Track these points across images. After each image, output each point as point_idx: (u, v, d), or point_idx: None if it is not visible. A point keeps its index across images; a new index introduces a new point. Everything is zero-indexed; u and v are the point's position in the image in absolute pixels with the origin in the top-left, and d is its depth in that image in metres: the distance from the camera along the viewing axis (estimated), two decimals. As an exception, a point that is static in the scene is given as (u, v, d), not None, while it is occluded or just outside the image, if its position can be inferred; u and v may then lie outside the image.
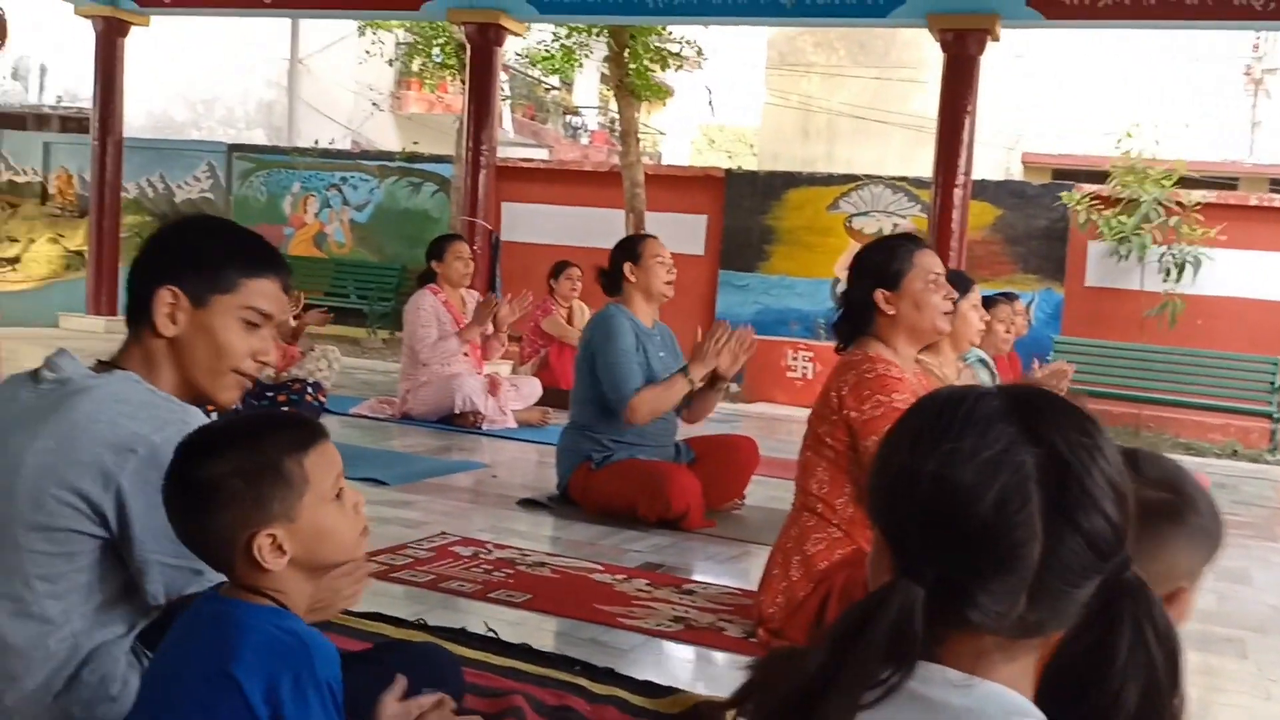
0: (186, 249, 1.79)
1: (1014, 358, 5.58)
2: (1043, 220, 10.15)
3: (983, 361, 4.41)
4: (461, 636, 2.56)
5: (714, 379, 3.98)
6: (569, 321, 7.32)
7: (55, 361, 1.73)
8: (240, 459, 1.40)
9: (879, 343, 2.75)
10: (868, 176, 10.99)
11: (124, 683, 1.63)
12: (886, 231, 9.91)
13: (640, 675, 2.43)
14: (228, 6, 10.29)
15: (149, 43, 11.33)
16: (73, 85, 15.29)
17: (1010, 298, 5.19)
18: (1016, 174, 16.30)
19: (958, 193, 7.76)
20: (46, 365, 1.73)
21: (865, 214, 10.69)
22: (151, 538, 1.62)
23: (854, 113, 17.00)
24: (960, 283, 3.52)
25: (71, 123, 15.47)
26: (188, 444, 1.44)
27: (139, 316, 1.76)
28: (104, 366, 1.76)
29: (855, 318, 2.81)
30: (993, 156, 15.63)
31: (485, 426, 5.92)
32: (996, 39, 7.79)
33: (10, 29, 8.99)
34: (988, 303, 4.36)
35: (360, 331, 11.51)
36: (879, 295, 2.73)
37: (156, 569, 1.63)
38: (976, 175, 8.35)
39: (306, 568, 1.43)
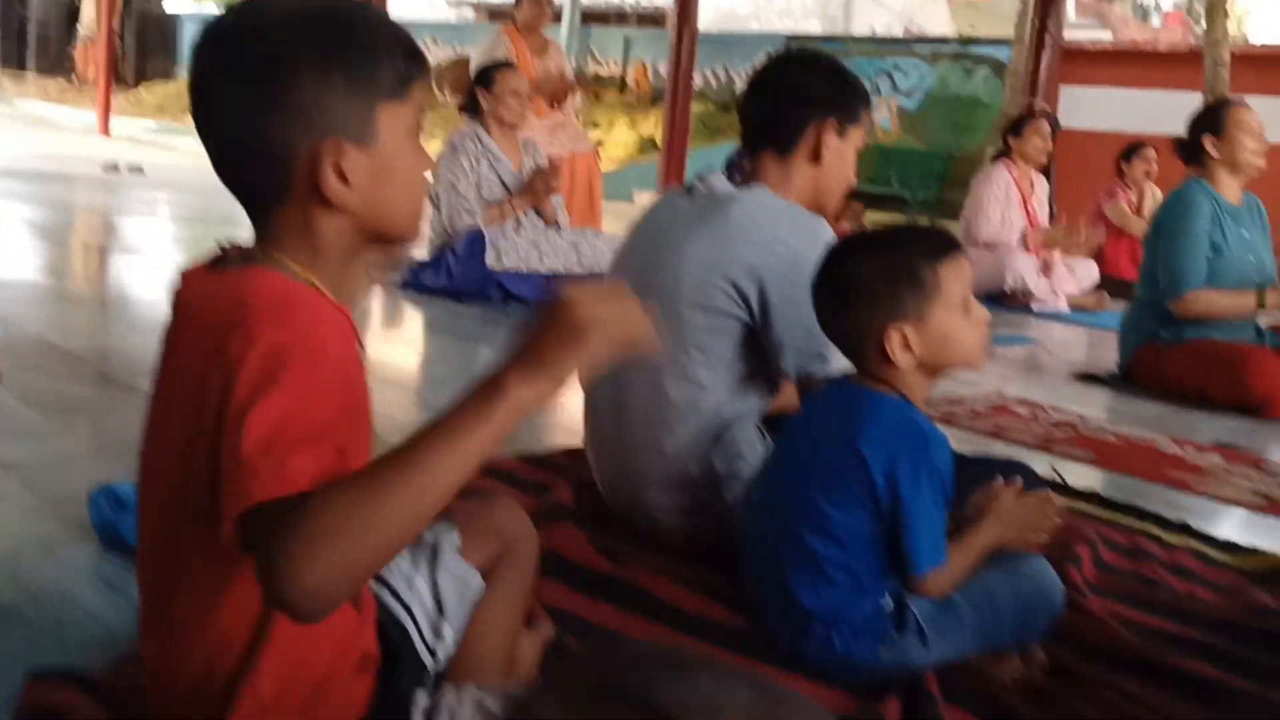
0: (836, 86, 2.03)
1: None
2: None
3: None
4: (1029, 474, 2.64)
5: None
6: (1138, 209, 6.90)
7: (705, 178, 2.04)
8: (883, 261, 1.59)
9: None
10: None
11: (753, 447, 1.93)
12: None
13: (1218, 536, 2.38)
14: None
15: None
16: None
17: None
18: None
19: None
20: (698, 180, 2.05)
21: None
22: (785, 323, 1.89)
23: None
24: None
25: (647, 19, 16.90)
26: (838, 247, 1.66)
27: (782, 144, 2.01)
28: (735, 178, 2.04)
29: None
30: None
31: (1035, 307, 5.82)
32: None
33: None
34: None
35: (900, 219, 11.64)
36: None
37: (789, 350, 1.90)
38: None
39: (929, 368, 1.60)
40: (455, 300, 4.51)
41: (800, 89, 2.03)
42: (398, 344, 4.11)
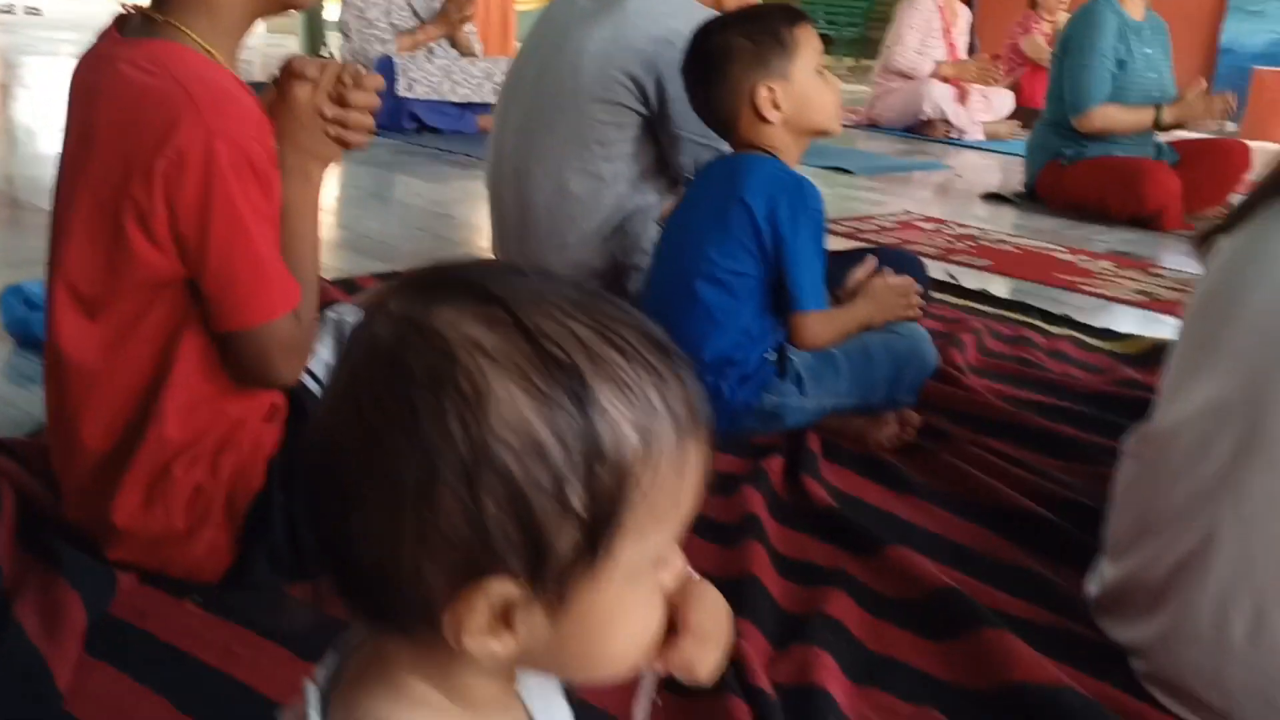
0: None
1: None
2: None
3: None
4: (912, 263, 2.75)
5: None
6: (1053, 39, 6.92)
7: None
8: (747, 28, 1.70)
9: None
10: None
11: (652, 240, 2.00)
12: None
13: (1097, 326, 2.53)
14: None
15: None
16: None
17: None
18: None
19: None
20: None
21: None
22: (683, 117, 1.94)
23: None
24: None
25: None
26: (704, 27, 1.74)
27: None
28: None
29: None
30: None
31: (953, 136, 5.90)
32: None
33: None
34: None
35: (826, 60, 11.54)
36: None
37: (687, 143, 1.96)
38: None
39: (795, 127, 1.69)
40: (368, 130, 4.46)
41: None
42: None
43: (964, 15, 6.18)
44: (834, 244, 2.31)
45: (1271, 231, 1.08)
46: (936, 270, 2.90)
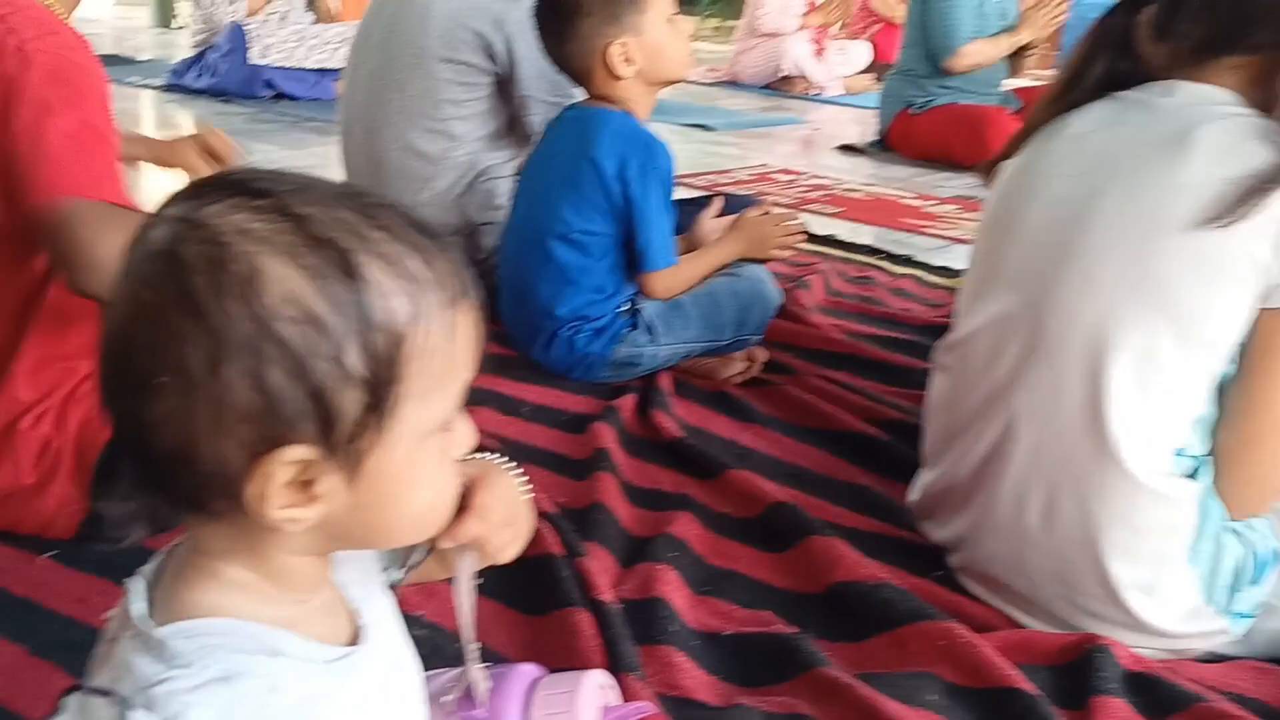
0: None
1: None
2: None
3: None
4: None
5: None
6: (901, -4, 7.12)
7: None
8: None
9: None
10: None
11: (507, 197, 2.04)
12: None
13: (937, 264, 2.66)
14: None
15: None
16: None
17: None
18: None
19: None
20: None
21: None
22: (531, 78, 1.97)
23: None
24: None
25: None
26: None
27: None
28: None
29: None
30: None
31: (812, 93, 6.04)
32: None
33: None
34: None
35: (690, 23, 11.59)
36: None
37: (536, 103, 1.99)
38: None
39: (648, 79, 1.73)
40: (222, 100, 4.38)
41: None
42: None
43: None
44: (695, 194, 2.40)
45: (1042, 153, 1.18)
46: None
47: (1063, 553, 1.13)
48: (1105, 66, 1.19)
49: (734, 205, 2.08)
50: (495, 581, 1.12)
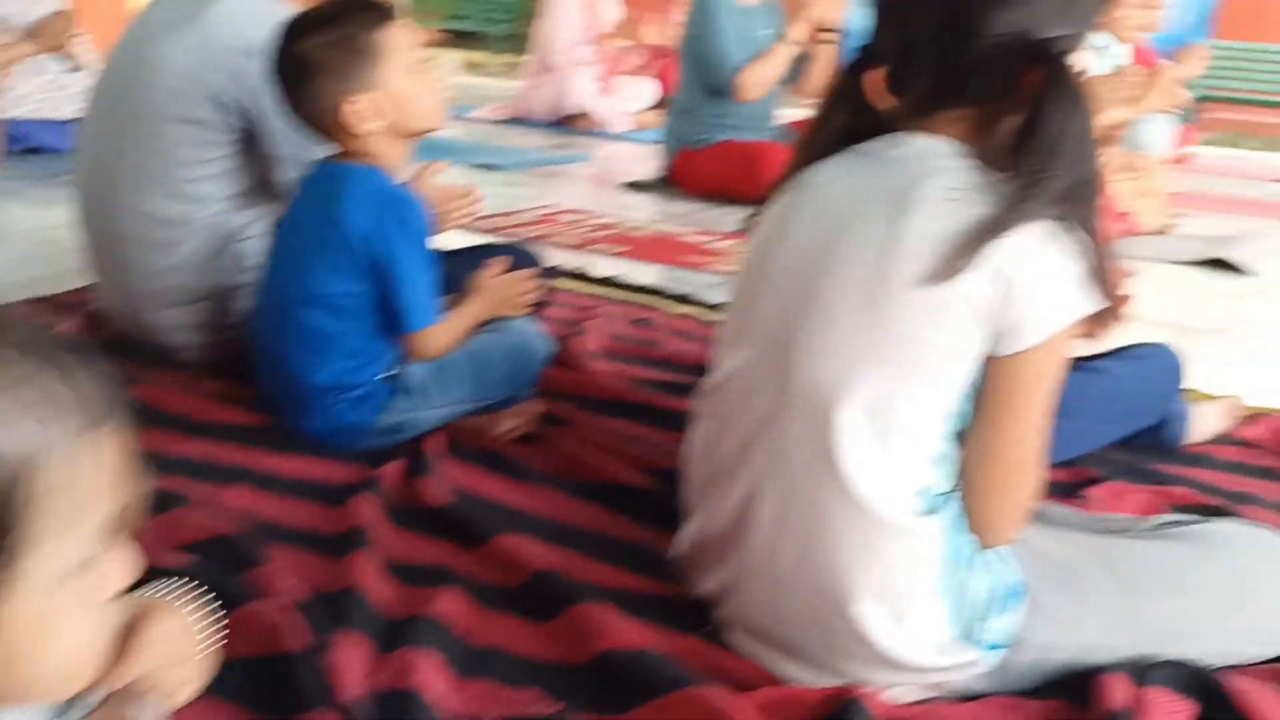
0: None
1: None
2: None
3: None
4: (552, 272, 2.83)
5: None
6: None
7: None
8: (324, 37, 1.60)
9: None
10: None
11: (259, 258, 1.94)
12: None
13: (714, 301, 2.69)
14: None
15: None
16: None
17: None
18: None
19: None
20: None
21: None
22: (276, 136, 1.88)
23: None
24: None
25: None
26: (287, 27, 1.66)
27: None
28: None
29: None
30: None
31: (598, 130, 6.08)
32: None
33: None
34: None
35: (480, 56, 11.57)
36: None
37: (286, 161, 1.90)
38: None
39: (396, 132, 1.66)
40: (-34, 157, 4.05)
41: None
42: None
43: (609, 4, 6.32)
44: (468, 242, 2.34)
45: (791, 203, 1.19)
46: (578, 261, 3.00)
47: (815, 596, 1.13)
48: (844, 118, 1.21)
49: (522, 259, 2.03)
50: (233, 683, 1.04)
